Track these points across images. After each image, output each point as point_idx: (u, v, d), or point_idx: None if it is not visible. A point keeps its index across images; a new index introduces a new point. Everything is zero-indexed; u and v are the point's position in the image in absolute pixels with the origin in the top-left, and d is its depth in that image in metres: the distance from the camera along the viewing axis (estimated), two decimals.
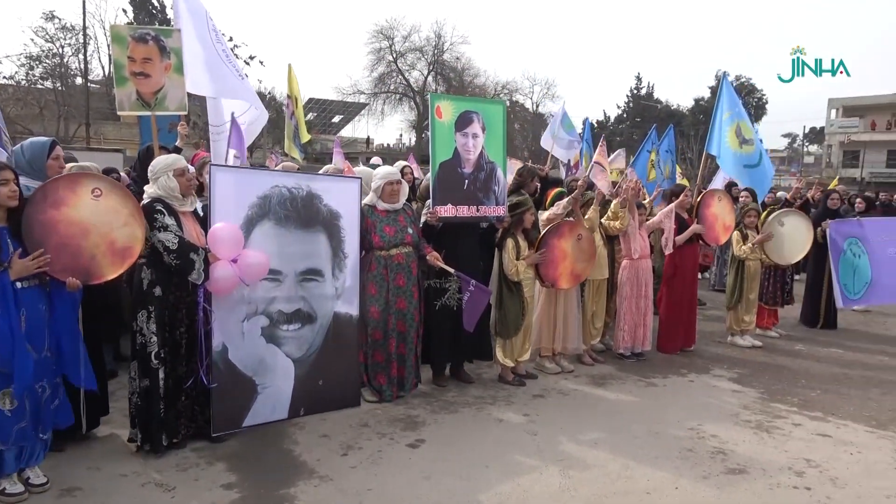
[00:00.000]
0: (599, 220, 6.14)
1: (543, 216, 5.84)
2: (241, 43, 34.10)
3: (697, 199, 6.95)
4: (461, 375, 5.66)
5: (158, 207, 3.92)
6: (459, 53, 42.96)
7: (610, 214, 6.16)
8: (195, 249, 3.90)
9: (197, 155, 6.20)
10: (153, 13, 35.15)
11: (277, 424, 4.50)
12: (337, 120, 49.14)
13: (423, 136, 39.26)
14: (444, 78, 42.84)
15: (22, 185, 3.55)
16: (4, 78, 27.52)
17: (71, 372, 3.68)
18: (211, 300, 4.10)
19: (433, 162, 5.26)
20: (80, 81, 28.71)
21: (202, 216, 4.21)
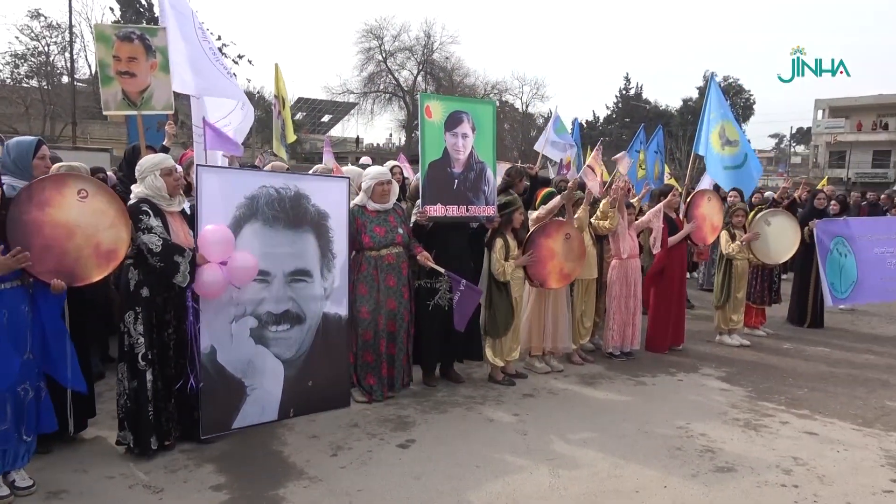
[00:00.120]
0: (589, 219, 6.15)
1: (533, 216, 5.85)
2: (229, 42, 33.96)
3: (687, 199, 6.99)
4: (451, 375, 5.66)
5: (144, 208, 3.88)
6: (449, 53, 43.06)
7: (599, 214, 6.17)
8: (180, 252, 3.85)
9: (185, 154, 6.16)
10: (140, 11, 34.90)
11: (267, 426, 4.48)
12: (326, 119, 49.02)
13: (412, 135, 39.25)
14: (433, 78, 42.84)
15: (7, 184, 3.51)
16: None
17: (58, 373, 3.64)
18: (199, 301, 4.07)
19: (423, 162, 5.26)
20: (66, 80, 28.47)
21: (190, 216, 4.18)
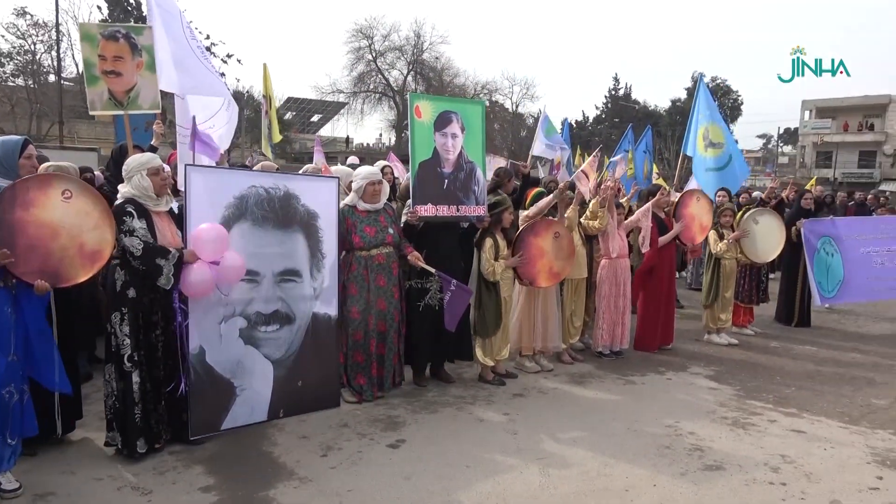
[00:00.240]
0: (578, 219, 6.17)
1: (523, 215, 5.86)
2: (218, 41, 33.77)
3: (676, 199, 7.03)
4: (441, 375, 5.66)
5: (128, 209, 3.84)
6: (439, 53, 43.09)
7: (589, 214, 6.19)
8: (162, 254, 3.81)
9: (173, 154, 6.11)
10: (128, 10, 34.63)
11: (256, 426, 4.46)
12: (316, 119, 48.92)
13: (402, 135, 39.21)
14: (423, 77, 42.84)
15: None
16: None
17: (43, 375, 3.60)
18: (187, 301, 4.05)
19: (413, 162, 5.27)
20: (52, 79, 28.23)
21: (178, 215, 4.16)
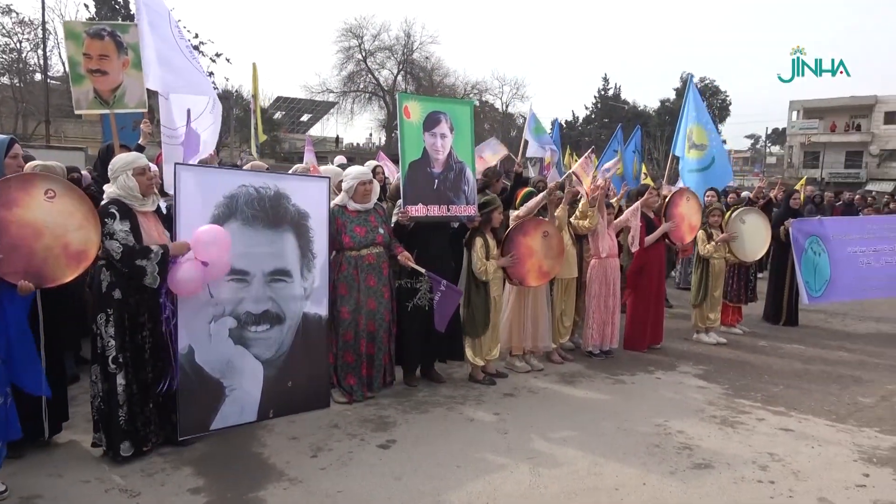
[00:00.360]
0: (568, 219, 6.19)
1: (513, 215, 5.87)
2: (206, 40, 33.61)
3: (666, 198, 7.06)
4: (432, 375, 5.66)
5: (111, 210, 3.79)
6: (429, 53, 43.12)
7: (578, 214, 6.21)
8: (144, 254, 3.76)
9: (161, 154, 6.06)
10: (116, 8, 34.37)
11: (246, 427, 4.44)
12: (306, 119, 48.79)
13: (392, 135, 39.20)
14: (413, 77, 42.84)
15: None
16: None
17: (23, 379, 3.56)
18: (176, 300, 4.02)
19: (403, 162, 5.27)
20: (39, 77, 27.97)
21: (166, 215, 4.13)
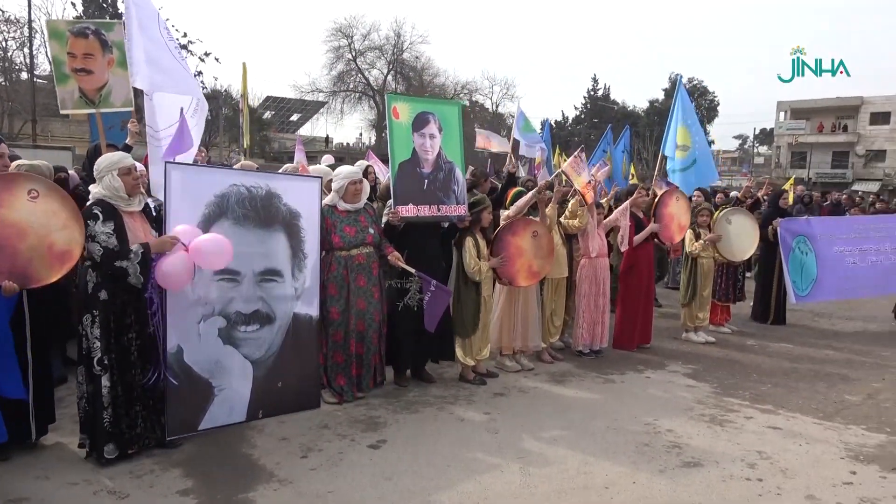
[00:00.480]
0: (558, 218, 6.20)
1: (504, 215, 5.87)
2: (196, 39, 33.41)
3: (655, 198, 7.10)
4: (422, 375, 5.66)
5: (95, 212, 3.75)
6: (419, 53, 43.07)
7: (568, 213, 6.22)
8: (123, 256, 3.71)
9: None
10: (104, 6, 34.08)
11: (235, 427, 4.42)
12: (295, 118, 48.62)
13: (382, 135, 39.11)
14: (403, 77, 42.79)
15: None
16: None
17: (2, 381, 3.53)
18: (165, 297, 3.99)
19: (392, 162, 5.28)
20: (25, 76, 27.70)
21: (155, 215, 4.10)
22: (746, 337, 7.80)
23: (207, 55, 32.69)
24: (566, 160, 6.69)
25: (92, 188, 3.93)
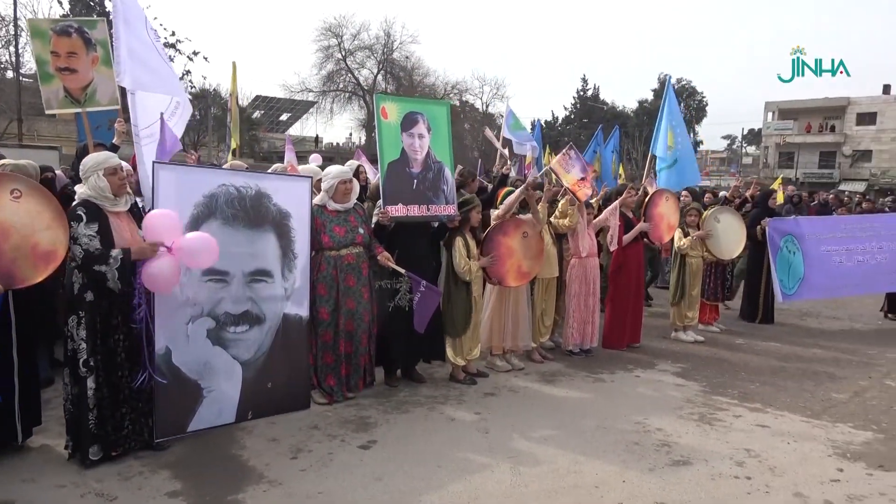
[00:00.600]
0: (548, 218, 6.21)
1: (495, 214, 5.87)
2: (184, 38, 33.12)
3: (645, 198, 7.13)
4: (413, 375, 5.65)
5: (79, 213, 3.70)
6: (409, 52, 42.89)
7: (558, 213, 6.24)
8: (101, 260, 3.64)
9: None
10: (91, 5, 33.77)
11: (224, 429, 4.40)
12: (285, 118, 48.39)
13: (372, 135, 38.96)
14: (393, 77, 42.66)
15: None
16: None
17: None
18: (153, 300, 3.95)
19: (381, 162, 5.27)
20: (11, 75, 27.40)
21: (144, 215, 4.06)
22: (735, 336, 7.85)
23: (196, 54, 32.49)
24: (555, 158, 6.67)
25: (78, 188, 3.89)
